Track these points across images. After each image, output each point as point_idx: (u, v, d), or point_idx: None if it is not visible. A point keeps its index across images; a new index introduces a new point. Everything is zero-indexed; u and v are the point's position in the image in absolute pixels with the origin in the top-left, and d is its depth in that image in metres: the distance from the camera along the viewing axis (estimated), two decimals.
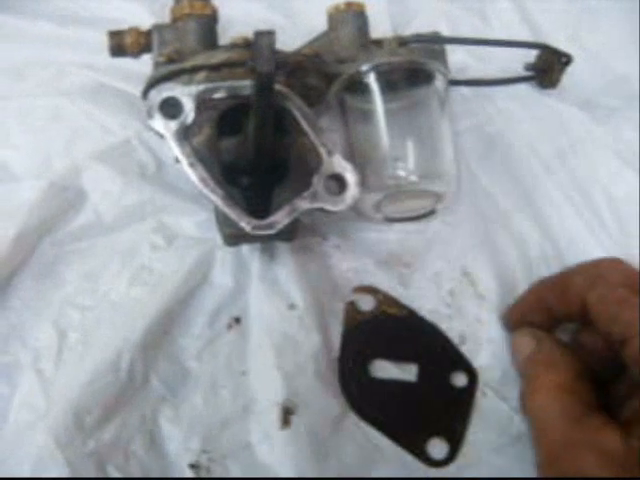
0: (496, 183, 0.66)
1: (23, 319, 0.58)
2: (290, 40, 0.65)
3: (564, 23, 0.78)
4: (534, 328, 0.55)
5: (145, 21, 0.64)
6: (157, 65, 0.58)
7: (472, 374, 0.57)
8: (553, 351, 0.52)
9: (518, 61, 0.70)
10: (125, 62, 0.63)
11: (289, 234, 0.55)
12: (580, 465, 0.45)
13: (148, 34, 0.61)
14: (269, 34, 0.47)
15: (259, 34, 0.47)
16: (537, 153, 0.69)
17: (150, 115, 0.52)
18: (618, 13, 0.79)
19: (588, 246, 0.63)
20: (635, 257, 0.59)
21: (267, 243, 0.60)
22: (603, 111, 0.71)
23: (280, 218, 0.52)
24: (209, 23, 0.60)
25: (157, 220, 0.62)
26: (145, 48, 0.61)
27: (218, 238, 0.58)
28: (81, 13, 0.77)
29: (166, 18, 0.62)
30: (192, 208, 0.62)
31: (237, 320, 0.58)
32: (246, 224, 0.51)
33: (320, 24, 0.64)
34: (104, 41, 0.61)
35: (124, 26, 0.62)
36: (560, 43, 0.72)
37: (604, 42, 0.76)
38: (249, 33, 0.64)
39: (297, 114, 0.54)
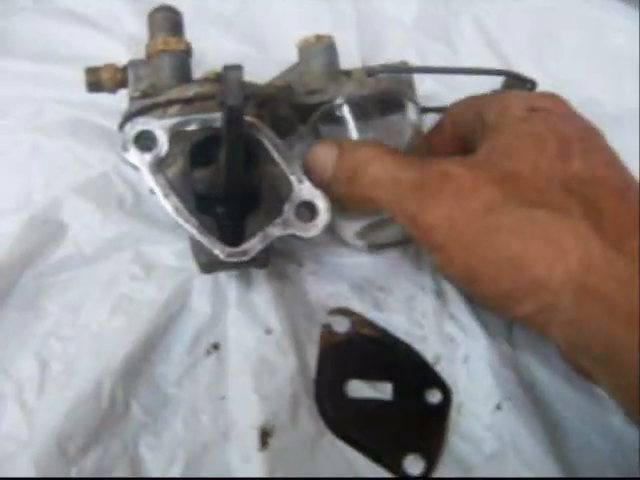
0: None
1: (6, 351, 0.58)
2: (262, 71, 0.67)
3: (528, 49, 0.81)
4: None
5: (121, 57, 0.65)
6: (132, 100, 0.60)
7: (446, 391, 0.58)
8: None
9: (486, 88, 0.71)
10: (102, 98, 0.64)
11: (263, 261, 0.56)
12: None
13: (124, 70, 0.62)
14: (237, 68, 0.48)
15: (227, 68, 0.49)
16: None
17: (125, 148, 0.53)
18: (579, 39, 0.82)
19: None
20: None
21: (242, 270, 0.61)
22: None
23: (253, 245, 0.53)
24: (183, 58, 0.62)
25: (136, 250, 0.63)
26: (121, 83, 0.62)
27: (195, 267, 0.58)
28: (58, 50, 0.79)
29: (140, 54, 0.64)
30: (169, 238, 0.64)
31: (215, 346, 0.59)
32: (220, 251, 0.52)
33: (291, 55, 0.66)
34: (81, 77, 0.63)
35: (101, 62, 0.64)
36: (526, 69, 0.75)
37: (568, 67, 0.79)
38: (221, 67, 0.67)
39: (267, 144, 0.55)
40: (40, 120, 0.72)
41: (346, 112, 0.61)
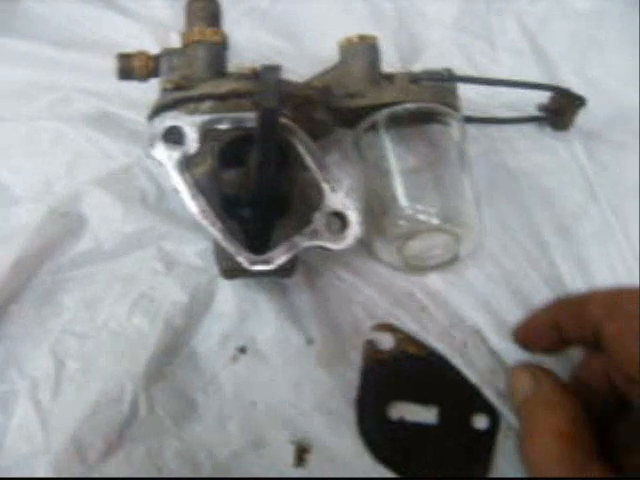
0: (502, 224, 0.65)
1: (20, 347, 0.56)
2: (297, 67, 0.65)
3: (569, 53, 0.78)
4: (532, 365, 0.53)
5: (149, 46, 0.64)
6: (164, 91, 0.58)
7: (494, 416, 0.55)
8: (552, 392, 0.50)
9: (527, 95, 0.69)
10: (128, 89, 0.64)
11: (288, 270, 0.54)
12: None
13: (157, 58, 0.61)
14: (275, 69, 0.47)
15: (265, 69, 0.47)
16: (540, 187, 0.68)
17: (152, 144, 0.51)
18: (623, 46, 0.79)
19: (595, 273, 0.63)
20: None
21: (265, 278, 0.59)
22: (610, 146, 0.71)
23: (279, 254, 0.51)
24: (219, 50, 0.60)
25: (158, 248, 0.61)
26: (153, 72, 0.61)
27: None
28: (84, 36, 0.77)
29: (170, 43, 0.63)
30: (193, 236, 0.62)
31: (242, 350, 0.57)
32: (244, 259, 0.50)
33: (327, 51, 0.64)
34: (107, 66, 0.61)
35: (128, 49, 0.62)
36: (565, 73, 0.73)
37: (608, 75, 0.76)
38: (256, 60, 0.65)
39: (302, 149, 0.53)
40: (64, 108, 0.70)
41: (385, 126, 0.59)
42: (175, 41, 0.69)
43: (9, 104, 0.71)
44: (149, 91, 0.62)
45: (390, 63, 0.65)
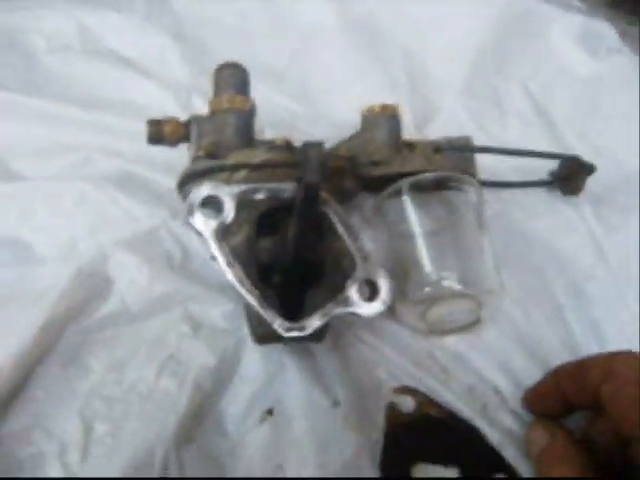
0: (518, 286, 0.66)
1: (47, 409, 0.56)
2: (312, 129, 0.66)
3: (575, 119, 0.81)
4: (548, 420, 0.56)
5: (169, 107, 0.65)
6: (195, 158, 0.59)
7: (514, 477, 0.56)
8: (565, 446, 0.53)
9: (537, 160, 0.71)
10: (151, 151, 0.64)
11: (319, 335, 0.55)
12: None
13: (186, 125, 0.62)
14: (318, 146, 0.48)
15: (308, 145, 0.48)
16: (552, 249, 0.70)
17: (190, 213, 0.52)
18: (624, 110, 0.81)
19: (607, 334, 0.64)
20: None
21: (297, 343, 0.60)
22: (616, 209, 0.73)
23: (313, 321, 0.52)
24: (247, 118, 0.61)
25: (184, 310, 0.62)
26: (182, 138, 0.62)
27: (246, 328, 0.58)
28: (107, 96, 0.78)
29: (191, 104, 0.63)
30: (218, 298, 0.62)
31: (270, 412, 0.58)
32: (279, 326, 0.51)
33: (341, 114, 0.66)
34: (129, 127, 0.63)
35: (149, 112, 0.63)
36: (568, 136, 0.76)
37: (609, 139, 0.78)
38: (271, 122, 0.66)
39: (335, 219, 0.54)
40: (88, 169, 0.71)
41: (408, 194, 0.61)
42: (196, 102, 0.71)
43: (29, 163, 0.71)
44: (172, 153, 0.64)
45: (404, 126, 0.67)
